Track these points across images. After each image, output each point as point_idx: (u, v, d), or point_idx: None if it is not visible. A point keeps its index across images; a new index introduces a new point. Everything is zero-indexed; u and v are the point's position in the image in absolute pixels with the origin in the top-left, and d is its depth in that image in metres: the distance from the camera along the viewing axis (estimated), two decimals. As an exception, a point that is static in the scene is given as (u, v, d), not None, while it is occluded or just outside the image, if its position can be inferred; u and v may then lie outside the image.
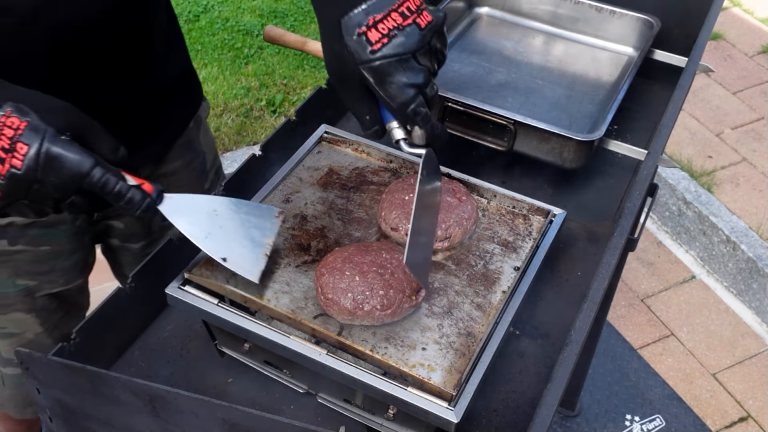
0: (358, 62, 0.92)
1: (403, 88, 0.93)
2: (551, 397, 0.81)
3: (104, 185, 0.81)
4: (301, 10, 4.01)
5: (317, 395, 1.00)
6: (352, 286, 0.93)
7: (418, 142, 0.98)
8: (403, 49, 0.92)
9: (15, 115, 0.78)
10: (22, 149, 0.77)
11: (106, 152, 0.84)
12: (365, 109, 0.98)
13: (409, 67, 0.93)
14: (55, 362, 0.86)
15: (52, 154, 0.78)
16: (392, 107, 0.94)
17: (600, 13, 1.59)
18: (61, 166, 0.79)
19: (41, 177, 0.79)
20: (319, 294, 0.95)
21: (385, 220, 1.07)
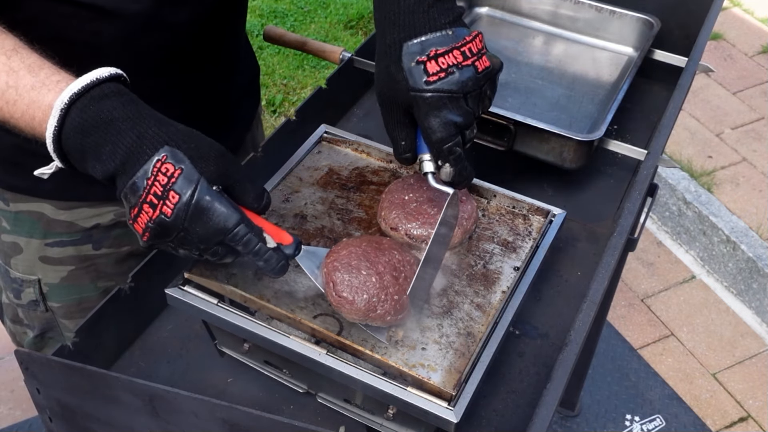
0: (411, 89, 0.93)
1: (445, 125, 0.94)
2: (551, 397, 0.82)
3: (246, 243, 0.83)
4: (301, 10, 4.01)
5: (317, 395, 1.00)
6: (368, 287, 0.92)
7: (445, 178, 0.99)
8: (456, 87, 0.93)
9: (170, 161, 0.79)
10: (174, 198, 0.79)
11: (251, 201, 0.86)
12: (403, 134, 1.00)
13: (457, 106, 0.94)
14: (55, 362, 0.86)
15: (201, 207, 0.79)
16: (430, 140, 0.96)
17: (600, 13, 1.59)
18: (208, 219, 0.80)
19: (188, 226, 0.80)
20: (331, 289, 0.94)
21: (385, 219, 1.07)
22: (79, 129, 0.81)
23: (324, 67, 3.63)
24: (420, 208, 1.06)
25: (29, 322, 1.35)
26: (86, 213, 1.24)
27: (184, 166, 0.79)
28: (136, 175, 0.80)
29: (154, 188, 0.79)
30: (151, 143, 0.80)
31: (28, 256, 1.27)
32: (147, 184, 0.79)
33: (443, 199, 1.06)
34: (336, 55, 1.48)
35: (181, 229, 0.80)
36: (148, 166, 0.79)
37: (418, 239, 1.05)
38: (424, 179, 1.11)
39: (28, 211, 1.23)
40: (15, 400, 2.40)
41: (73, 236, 1.26)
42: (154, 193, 0.79)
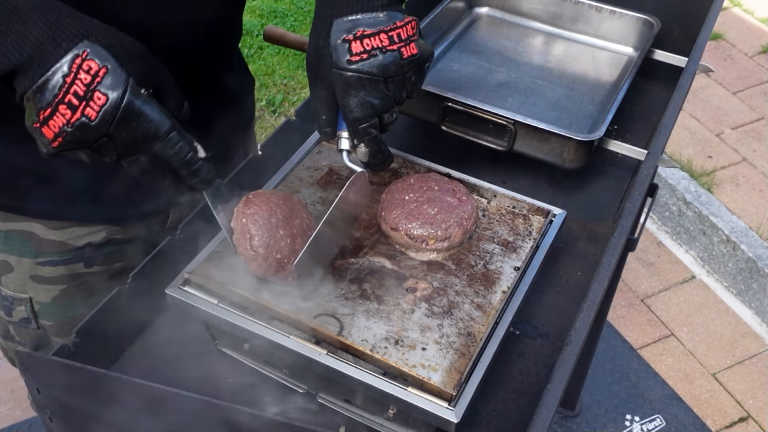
0: (333, 65, 0.94)
1: (362, 106, 0.95)
2: (551, 397, 0.82)
3: (178, 151, 0.78)
4: (301, 10, 4.01)
5: (317, 395, 1.00)
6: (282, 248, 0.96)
7: (361, 158, 1.00)
8: (377, 70, 0.94)
9: (92, 58, 0.71)
10: (100, 99, 0.71)
11: (173, 107, 0.80)
12: (324, 108, 1.00)
13: (376, 89, 0.94)
14: (55, 362, 0.86)
15: (131, 110, 0.73)
16: (347, 118, 0.97)
17: (600, 13, 1.59)
18: (138, 125, 0.74)
19: (113, 131, 0.73)
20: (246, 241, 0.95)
21: (385, 219, 1.07)
22: None
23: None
24: (420, 207, 1.06)
25: (21, 339, 1.32)
26: (77, 232, 1.22)
27: (110, 64, 0.71)
28: (50, 72, 0.71)
29: (74, 87, 0.71)
30: (67, 36, 0.71)
31: (20, 274, 1.24)
32: (65, 83, 0.71)
33: (442, 196, 1.06)
34: (336, 55, 1.48)
35: (105, 134, 0.73)
36: (64, 62, 0.71)
37: (418, 239, 1.05)
38: (423, 179, 1.11)
39: (19, 230, 1.20)
40: (15, 400, 2.40)
41: (65, 255, 1.23)
42: (74, 93, 0.71)
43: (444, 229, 1.05)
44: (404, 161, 1.20)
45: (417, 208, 1.06)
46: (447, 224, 1.05)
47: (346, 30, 0.94)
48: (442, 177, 1.14)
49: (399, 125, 1.43)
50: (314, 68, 0.99)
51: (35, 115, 0.73)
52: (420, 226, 1.05)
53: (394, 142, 1.26)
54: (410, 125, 1.43)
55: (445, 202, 1.07)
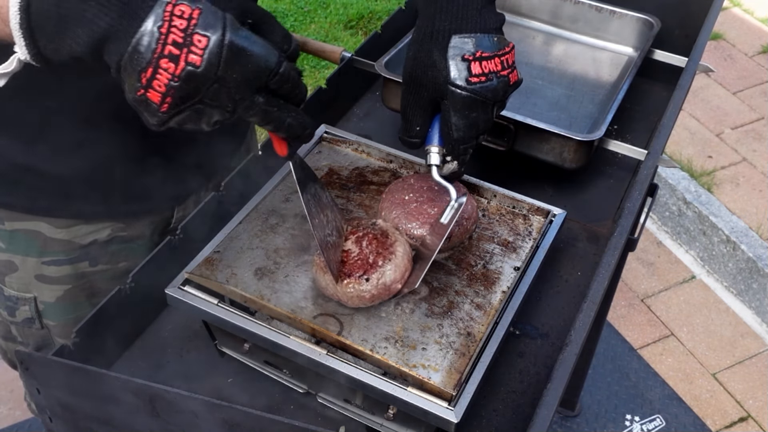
0: (450, 81, 0.94)
1: (469, 126, 0.96)
2: (551, 397, 0.81)
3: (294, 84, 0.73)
4: (301, 10, 4.01)
5: (317, 395, 1.00)
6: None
7: (445, 173, 1.01)
8: (492, 95, 0.95)
9: (183, 2, 0.65)
10: (201, 42, 0.65)
11: (280, 40, 0.74)
12: (420, 119, 1.00)
13: (484, 111, 0.96)
14: (55, 362, 0.86)
15: (236, 47, 0.67)
16: (451, 136, 0.97)
17: (600, 13, 1.59)
18: (247, 61, 0.68)
19: (222, 74, 0.67)
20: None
21: (386, 219, 1.07)
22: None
23: (324, 67, 3.62)
24: (420, 207, 1.06)
25: (23, 339, 1.33)
26: (83, 230, 1.22)
27: (201, 5, 0.66)
28: (142, 27, 0.64)
29: (171, 36, 0.64)
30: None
31: (24, 274, 1.24)
32: (161, 34, 0.64)
33: (442, 196, 1.06)
34: (336, 55, 1.48)
35: (215, 79, 0.67)
36: (155, 12, 0.64)
37: (418, 239, 1.05)
38: (423, 178, 1.11)
39: (24, 229, 1.20)
40: (15, 400, 2.40)
41: (70, 254, 1.23)
42: (173, 42, 0.64)
43: None
44: (404, 161, 1.20)
45: (417, 208, 1.06)
46: None
47: (467, 49, 0.94)
48: None
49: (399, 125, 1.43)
50: (418, 78, 0.98)
51: (137, 80, 0.66)
52: (420, 225, 1.05)
53: (395, 142, 1.27)
54: (410, 125, 1.43)
55: (444, 202, 1.07)
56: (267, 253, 1.03)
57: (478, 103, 0.95)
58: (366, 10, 3.98)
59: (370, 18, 3.95)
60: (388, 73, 1.34)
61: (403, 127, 1.02)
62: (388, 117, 1.43)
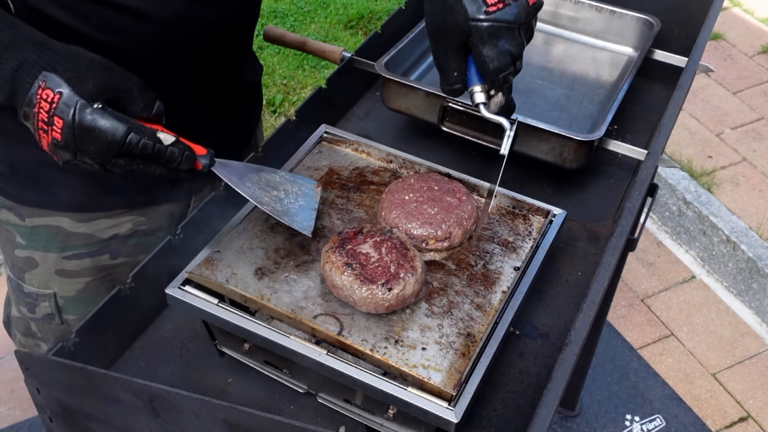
0: (469, 18, 0.97)
1: (503, 54, 0.98)
2: (551, 397, 0.81)
3: (143, 149, 0.84)
4: (301, 10, 4.01)
5: (317, 395, 1.00)
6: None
7: (495, 108, 1.04)
8: (513, 18, 0.97)
9: (49, 87, 0.81)
10: (59, 123, 0.81)
11: (140, 110, 0.86)
12: (454, 64, 1.02)
13: (512, 37, 0.98)
14: (55, 362, 0.86)
15: (85, 126, 0.81)
16: (487, 69, 0.99)
17: (600, 13, 1.59)
18: (96, 136, 0.82)
19: (81, 146, 0.82)
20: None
21: (385, 219, 1.07)
22: None
23: (324, 67, 3.62)
24: (420, 207, 1.06)
25: (43, 335, 1.34)
26: (105, 224, 1.24)
27: (62, 89, 0.81)
28: (24, 104, 0.82)
29: (40, 115, 0.82)
30: (29, 71, 0.82)
31: (44, 270, 1.26)
32: (34, 113, 0.82)
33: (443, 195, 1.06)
34: (336, 55, 1.48)
35: (76, 149, 0.83)
36: (31, 95, 0.82)
37: (418, 239, 1.05)
38: (424, 178, 1.11)
39: (45, 225, 1.23)
40: (15, 400, 2.40)
41: (92, 248, 1.25)
42: (41, 119, 0.82)
43: (444, 229, 1.05)
44: (404, 161, 1.20)
45: (417, 208, 1.06)
46: (447, 224, 1.05)
47: None
48: (442, 177, 1.14)
49: (399, 125, 1.43)
50: (440, 25, 1.00)
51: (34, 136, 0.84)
52: (420, 225, 1.05)
53: (395, 142, 1.27)
54: (410, 125, 1.43)
55: (444, 201, 1.07)
56: (267, 253, 1.03)
57: (503, 30, 0.97)
58: (366, 10, 3.98)
59: (370, 18, 3.95)
60: (388, 73, 1.34)
61: (442, 79, 1.05)
62: (388, 117, 1.43)
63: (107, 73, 0.85)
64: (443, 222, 1.05)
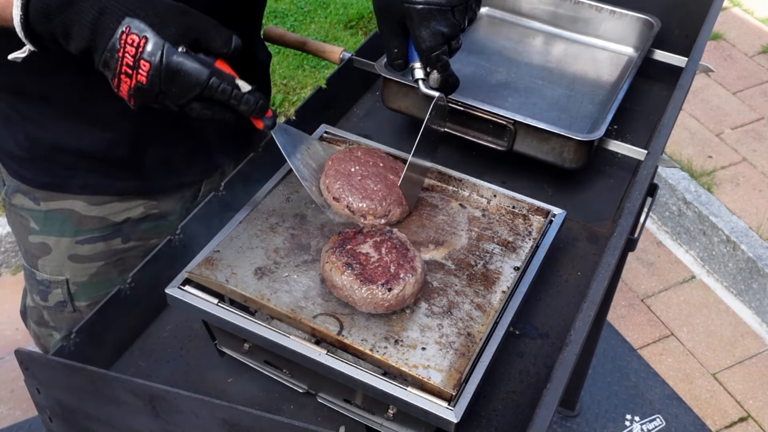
0: (405, 1, 1.04)
1: (434, 35, 1.05)
2: (551, 397, 0.82)
3: (222, 92, 0.88)
4: (301, 10, 4.01)
5: (317, 395, 1.00)
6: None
7: (434, 84, 1.11)
8: (446, 1, 1.04)
9: (134, 32, 0.83)
10: (146, 66, 0.84)
11: (220, 47, 0.89)
12: (396, 42, 1.11)
13: (444, 18, 1.05)
14: (55, 362, 0.86)
15: (171, 69, 0.85)
16: (420, 48, 1.07)
17: (600, 13, 1.59)
18: (181, 79, 0.86)
19: (165, 88, 0.86)
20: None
21: (328, 188, 1.08)
22: (42, 14, 0.84)
23: (324, 67, 3.62)
24: (364, 182, 1.08)
25: (55, 323, 1.35)
26: (117, 207, 1.27)
27: (147, 34, 0.84)
28: (107, 49, 0.84)
29: (125, 59, 0.84)
30: (112, 17, 0.84)
31: (57, 255, 1.28)
32: (118, 57, 0.84)
33: (386, 173, 1.11)
34: (336, 55, 1.48)
35: (158, 92, 0.86)
36: (114, 40, 0.84)
37: (357, 212, 1.06)
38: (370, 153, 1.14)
39: (59, 209, 1.25)
40: (15, 400, 2.40)
41: (104, 231, 1.28)
42: (126, 64, 0.85)
43: (384, 207, 1.07)
44: (404, 161, 1.19)
45: (361, 182, 1.08)
46: (387, 202, 1.07)
47: None
48: (388, 156, 1.16)
49: (399, 125, 1.43)
50: (382, 5, 1.09)
51: (111, 83, 0.87)
52: (360, 199, 1.06)
53: (395, 142, 1.27)
54: (410, 125, 1.43)
55: (388, 179, 1.09)
56: (267, 253, 1.03)
57: (435, 12, 1.04)
58: (366, 10, 3.98)
59: (370, 18, 3.95)
60: (388, 73, 1.34)
61: (386, 55, 1.14)
62: (388, 117, 1.43)
63: (185, 16, 0.87)
64: (383, 199, 1.07)
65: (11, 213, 1.30)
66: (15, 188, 1.26)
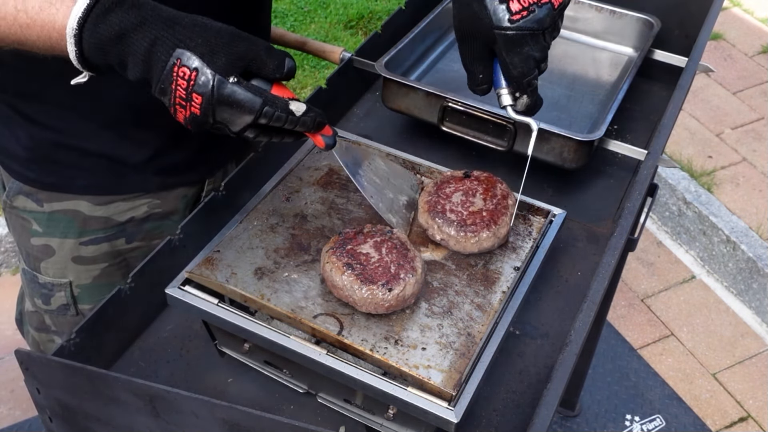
0: (494, 27, 0.99)
1: (527, 60, 1.01)
2: (551, 397, 0.82)
3: (277, 120, 0.88)
4: (301, 10, 4.01)
5: (317, 395, 1.00)
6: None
7: (521, 108, 1.06)
8: (537, 25, 0.99)
9: (185, 65, 0.84)
10: (198, 99, 0.85)
11: (272, 72, 0.88)
12: (481, 67, 1.06)
13: (536, 42, 1.00)
14: (55, 362, 0.86)
15: (223, 100, 0.85)
16: (512, 74, 1.02)
17: (600, 13, 1.59)
18: (234, 110, 0.86)
19: (219, 118, 0.86)
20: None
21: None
22: (96, 48, 0.85)
23: (324, 67, 3.62)
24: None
25: (57, 328, 1.35)
26: (122, 207, 1.27)
27: (198, 66, 0.84)
28: (161, 80, 0.85)
29: (178, 92, 0.85)
30: (163, 48, 0.84)
31: (61, 257, 1.27)
32: (171, 89, 0.85)
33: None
34: (336, 55, 1.48)
35: (213, 121, 0.87)
36: (167, 72, 0.84)
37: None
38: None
39: (63, 210, 1.24)
40: (15, 400, 2.40)
41: (108, 232, 1.27)
42: (179, 96, 0.85)
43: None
44: (404, 161, 1.20)
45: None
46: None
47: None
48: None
49: (399, 125, 1.43)
50: (467, 31, 1.04)
51: (168, 109, 0.88)
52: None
53: (395, 142, 1.27)
54: (410, 125, 1.43)
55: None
56: (267, 253, 1.03)
57: (527, 37, 0.99)
58: (366, 10, 3.98)
59: (370, 18, 3.95)
60: (388, 73, 1.34)
61: (469, 79, 1.08)
62: (388, 117, 1.43)
63: (235, 42, 0.87)
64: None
65: (12, 216, 1.29)
66: (17, 190, 1.25)
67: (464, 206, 1.08)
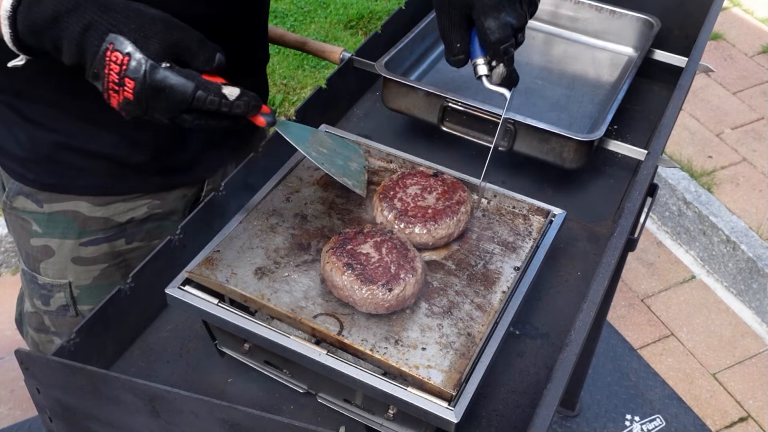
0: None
1: (504, 26, 1.02)
2: (551, 397, 0.82)
3: (209, 103, 0.87)
4: (301, 10, 4.01)
5: (317, 395, 1.00)
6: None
7: (497, 80, 1.07)
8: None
9: (117, 50, 0.84)
10: (130, 84, 0.85)
11: (202, 64, 0.89)
12: (458, 36, 1.07)
13: (513, 9, 1.02)
14: (55, 362, 0.86)
15: (156, 86, 0.85)
16: (488, 40, 1.03)
17: (600, 13, 1.59)
18: (167, 95, 0.86)
19: (151, 104, 0.86)
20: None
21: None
22: (31, 31, 0.85)
23: (324, 67, 3.62)
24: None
25: (56, 329, 1.34)
26: (122, 208, 1.27)
27: (131, 50, 0.84)
28: (93, 65, 0.85)
29: (111, 77, 0.85)
30: (96, 33, 0.84)
31: (60, 258, 1.27)
32: (104, 74, 0.85)
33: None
34: (336, 55, 1.48)
35: (146, 107, 0.87)
36: (100, 57, 0.85)
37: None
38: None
39: (63, 210, 1.24)
40: (15, 400, 2.40)
41: (108, 232, 1.27)
42: (112, 81, 0.85)
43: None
44: (404, 161, 1.20)
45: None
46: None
47: None
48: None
49: (399, 125, 1.43)
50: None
51: (102, 95, 0.88)
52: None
53: (395, 142, 1.27)
54: (410, 125, 1.43)
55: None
56: (267, 253, 1.03)
57: (504, 3, 1.01)
58: (366, 10, 3.98)
59: (370, 18, 3.95)
60: (388, 73, 1.34)
61: (446, 50, 1.09)
62: (388, 117, 1.43)
63: (169, 30, 0.87)
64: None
65: (11, 216, 1.29)
66: (17, 191, 1.25)
67: (414, 199, 1.08)
